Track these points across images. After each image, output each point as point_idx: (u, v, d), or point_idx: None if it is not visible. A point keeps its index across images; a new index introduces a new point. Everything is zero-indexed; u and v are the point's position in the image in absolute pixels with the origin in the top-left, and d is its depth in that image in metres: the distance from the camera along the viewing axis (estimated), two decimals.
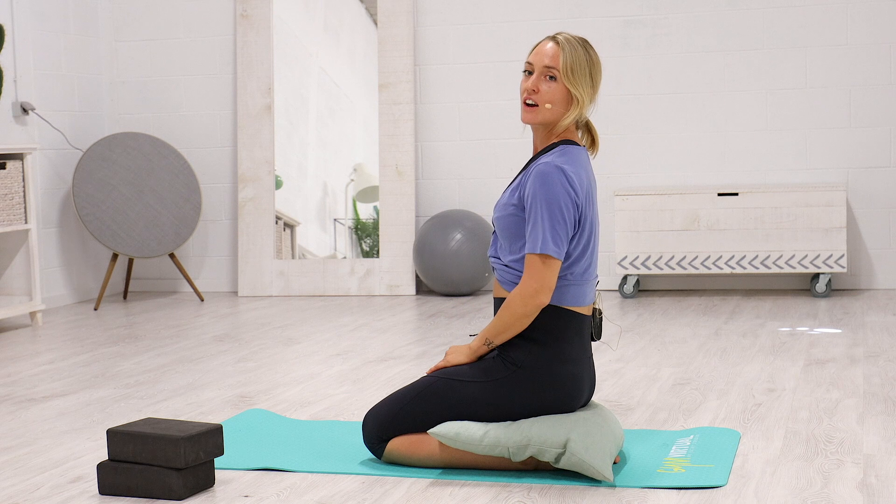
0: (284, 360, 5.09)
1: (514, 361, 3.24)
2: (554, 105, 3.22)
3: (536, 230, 3.16)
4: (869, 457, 3.30)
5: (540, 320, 3.24)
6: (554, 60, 3.22)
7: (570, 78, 3.21)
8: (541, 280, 3.16)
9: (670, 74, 6.88)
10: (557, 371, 3.23)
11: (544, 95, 3.22)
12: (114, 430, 3.17)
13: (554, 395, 3.24)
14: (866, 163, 6.68)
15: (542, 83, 3.23)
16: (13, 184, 6.16)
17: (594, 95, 3.27)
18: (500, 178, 7.12)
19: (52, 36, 7.03)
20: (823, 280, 6.46)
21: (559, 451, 3.16)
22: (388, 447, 3.33)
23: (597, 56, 3.27)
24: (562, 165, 3.19)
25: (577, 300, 3.27)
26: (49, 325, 6.31)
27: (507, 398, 3.24)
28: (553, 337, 3.24)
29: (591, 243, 3.28)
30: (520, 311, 3.19)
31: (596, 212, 3.31)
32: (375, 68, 7.17)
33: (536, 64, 3.24)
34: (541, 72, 3.22)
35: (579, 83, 3.22)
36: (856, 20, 6.64)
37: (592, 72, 3.24)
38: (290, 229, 7.28)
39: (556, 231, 3.16)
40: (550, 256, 3.16)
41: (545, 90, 3.22)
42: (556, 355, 3.24)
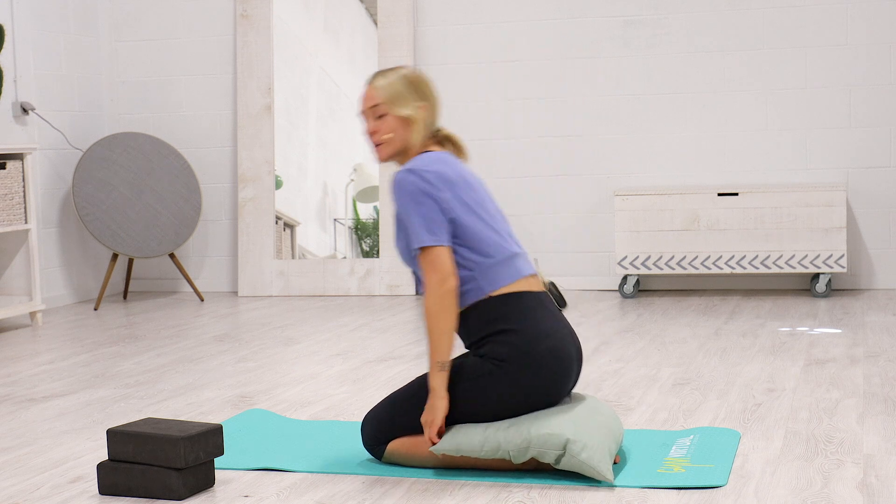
0: (284, 360, 5.09)
1: (496, 357, 3.23)
2: (395, 132, 3.34)
3: (413, 229, 3.23)
4: (869, 457, 3.30)
5: (494, 313, 3.24)
6: (373, 99, 3.34)
7: (392, 104, 3.33)
8: (436, 269, 3.20)
9: (670, 74, 6.88)
10: (539, 350, 3.22)
11: (383, 131, 3.34)
12: (114, 430, 3.17)
13: (544, 374, 3.23)
14: (866, 163, 6.68)
15: (376, 123, 3.35)
16: (13, 184, 6.16)
17: (430, 107, 3.37)
18: (500, 179, 7.12)
19: (52, 36, 7.03)
20: (823, 280, 6.46)
21: (559, 452, 3.16)
22: (388, 449, 3.33)
23: (416, 73, 3.38)
24: (407, 167, 3.27)
25: (510, 277, 3.28)
26: (49, 325, 6.31)
27: (501, 392, 3.24)
28: (517, 321, 3.24)
29: (484, 219, 3.31)
30: (438, 309, 3.19)
31: (480, 191, 3.35)
32: (375, 68, 7.17)
33: (365, 110, 3.36)
34: (369, 114, 3.35)
35: (404, 105, 3.33)
36: (856, 20, 6.64)
37: (415, 88, 3.35)
38: (290, 229, 7.28)
39: (425, 222, 3.22)
40: (430, 246, 3.21)
41: (382, 127, 3.34)
42: (532, 336, 3.23)
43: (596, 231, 7.03)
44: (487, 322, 3.26)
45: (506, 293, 3.26)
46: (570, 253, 7.08)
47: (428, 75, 3.42)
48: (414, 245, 3.23)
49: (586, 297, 6.77)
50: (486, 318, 3.26)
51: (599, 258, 7.04)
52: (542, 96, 7.04)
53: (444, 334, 3.20)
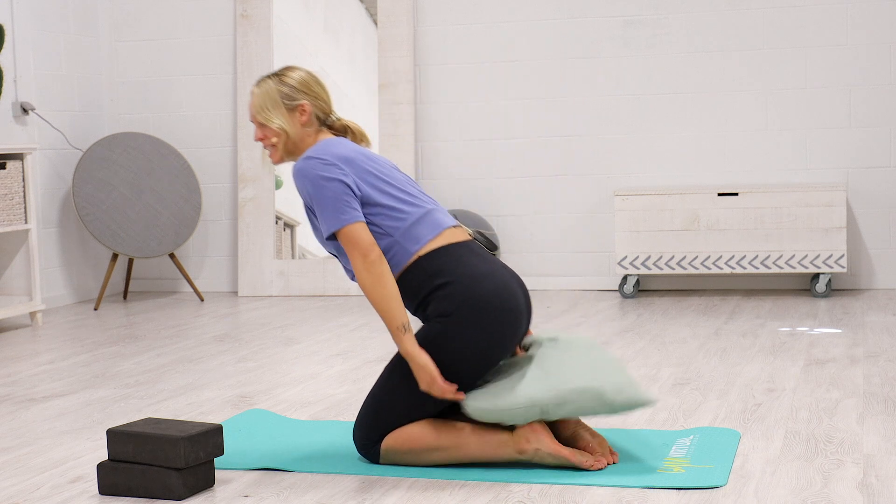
0: (284, 360, 5.09)
1: (442, 314, 3.24)
2: (278, 137, 3.44)
3: (322, 214, 3.26)
4: (869, 457, 3.30)
5: (427, 271, 3.27)
6: (251, 109, 3.47)
7: (265, 116, 3.43)
8: (356, 245, 3.23)
9: (670, 74, 6.88)
10: (481, 294, 3.23)
11: (268, 138, 3.44)
12: (114, 430, 3.17)
13: (494, 317, 3.23)
14: (866, 163, 6.68)
15: (260, 130, 3.45)
16: (13, 184, 6.16)
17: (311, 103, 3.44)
18: (500, 178, 7.12)
19: (52, 36, 7.03)
20: (823, 280, 6.46)
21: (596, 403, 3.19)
22: (383, 448, 3.31)
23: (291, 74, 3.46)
24: (304, 156, 3.33)
25: (431, 231, 3.32)
26: (49, 325, 6.31)
27: (460, 348, 3.23)
28: (451, 272, 3.27)
29: (391, 184, 3.35)
30: (373, 280, 3.21)
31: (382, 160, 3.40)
32: (375, 68, 7.17)
33: (251, 118, 3.49)
34: (255, 124, 3.47)
35: (275, 115, 3.42)
36: (856, 20, 6.64)
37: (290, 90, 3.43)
38: (290, 229, 7.28)
39: (333, 204, 3.25)
40: (347, 224, 3.23)
41: (267, 134, 3.44)
42: (470, 282, 3.25)
43: (596, 231, 7.03)
44: (423, 281, 3.28)
45: (432, 249, 3.29)
46: (570, 253, 7.08)
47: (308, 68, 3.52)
48: (328, 231, 3.26)
49: (586, 297, 6.77)
50: (420, 278, 3.28)
51: (599, 258, 7.04)
52: (542, 96, 7.04)
53: (389, 299, 3.21)
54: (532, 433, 3.25)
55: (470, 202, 7.16)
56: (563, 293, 6.93)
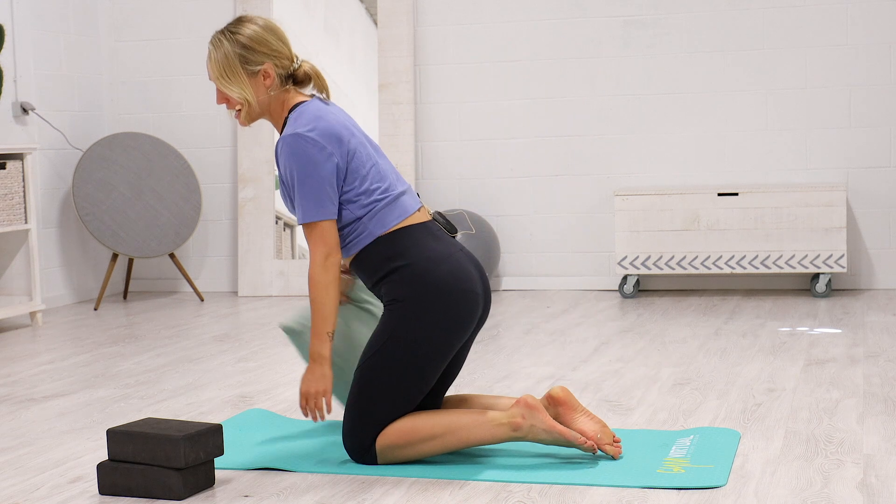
0: (284, 360, 5.09)
1: (396, 299, 3.26)
2: (241, 105, 3.34)
3: (300, 201, 3.24)
4: (869, 457, 3.30)
5: (384, 253, 3.28)
6: (210, 74, 3.34)
7: (225, 83, 3.32)
8: (324, 242, 3.23)
9: (670, 74, 6.88)
10: (436, 277, 3.25)
11: (232, 104, 3.35)
12: (114, 430, 3.17)
13: (450, 301, 3.24)
14: (866, 163, 6.68)
15: (221, 95, 3.36)
16: (13, 184, 6.16)
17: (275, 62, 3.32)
18: (500, 178, 7.12)
19: (52, 36, 7.03)
20: (823, 280, 6.46)
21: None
22: (379, 448, 3.30)
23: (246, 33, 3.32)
24: (296, 131, 3.24)
25: (401, 215, 3.32)
26: (49, 325, 6.31)
27: (416, 334, 3.23)
28: (407, 255, 3.27)
29: (374, 165, 3.33)
30: (326, 281, 3.22)
31: (359, 133, 3.36)
32: (375, 68, 7.18)
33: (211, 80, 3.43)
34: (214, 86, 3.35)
35: (235, 82, 3.31)
36: (856, 20, 6.64)
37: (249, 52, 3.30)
38: (290, 229, 7.28)
39: (313, 194, 3.23)
40: (322, 220, 3.23)
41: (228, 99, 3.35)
42: (425, 265, 3.26)
43: (596, 231, 7.03)
44: (379, 263, 3.29)
45: (392, 231, 3.29)
46: (570, 253, 7.08)
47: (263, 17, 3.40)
48: (302, 219, 3.24)
49: (586, 297, 6.77)
50: (377, 259, 3.29)
51: (599, 258, 7.04)
52: (542, 96, 7.04)
53: (331, 304, 3.24)
54: (527, 409, 3.25)
55: (470, 202, 7.16)
56: (563, 293, 6.93)
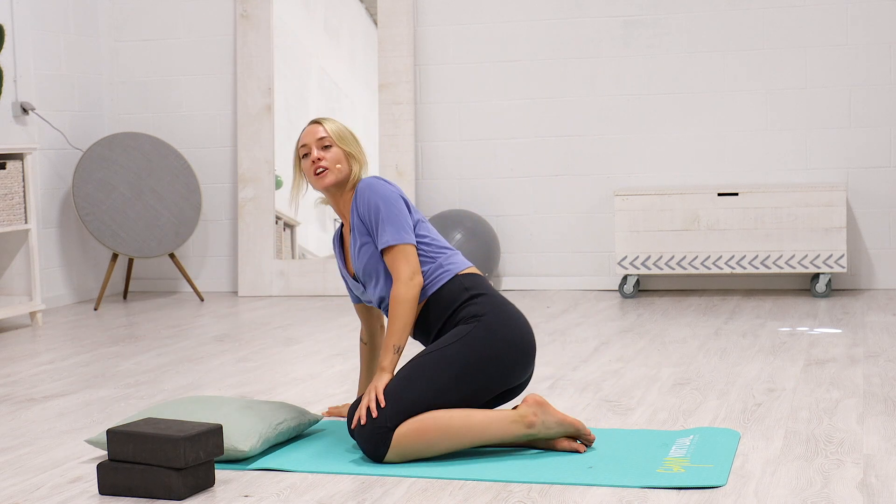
0: (284, 360, 5.09)
1: (473, 315, 3.48)
2: (341, 164, 3.60)
3: (385, 227, 3.51)
4: (869, 457, 3.30)
5: (464, 285, 3.54)
6: (320, 133, 3.61)
7: (340, 141, 3.61)
8: (410, 264, 3.49)
9: (670, 74, 6.88)
10: (510, 310, 3.53)
11: (330, 160, 3.58)
12: (114, 430, 3.17)
13: (517, 328, 3.49)
14: (866, 163, 6.68)
15: (322, 152, 3.59)
16: (13, 184, 6.16)
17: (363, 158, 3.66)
18: (500, 178, 7.12)
19: (52, 36, 7.03)
20: (823, 280, 6.46)
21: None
22: (397, 434, 3.32)
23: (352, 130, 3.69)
24: (369, 178, 3.57)
25: (465, 264, 3.61)
26: (49, 325, 6.31)
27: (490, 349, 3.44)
28: (485, 289, 3.55)
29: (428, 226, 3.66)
30: (409, 297, 3.46)
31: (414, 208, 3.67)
32: (375, 68, 7.17)
33: (311, 142, 3.60)
34: (317, 145, 3.60)
35: (349, 144, 3.62)
36: (856, 20, 6.64)
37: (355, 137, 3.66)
38: (290, 229, 7.28)
39: (400, 222, 3.51)
40: (406, 243, 3.50)
41: (328, 156, 3.59)
42: (501, 300, 3.55)
43: (596, 231, 7.03)
44: (459, 293, 3.53)
45: (469, 272, 3.59)
46: (570, 253, 7.08)
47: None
48: (389, 242, 3.48)
49: (586, 297, 6.77)
50: (457, 290, 3.53)
51: (599, 258, 7.04)
52: (542, 96, 7.05)
53: (408, 322, 3.46)
54: (537, 406, 3.40)
55: (470, 202, 7.16)
56: (563, 293, 6.92)
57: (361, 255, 3.55)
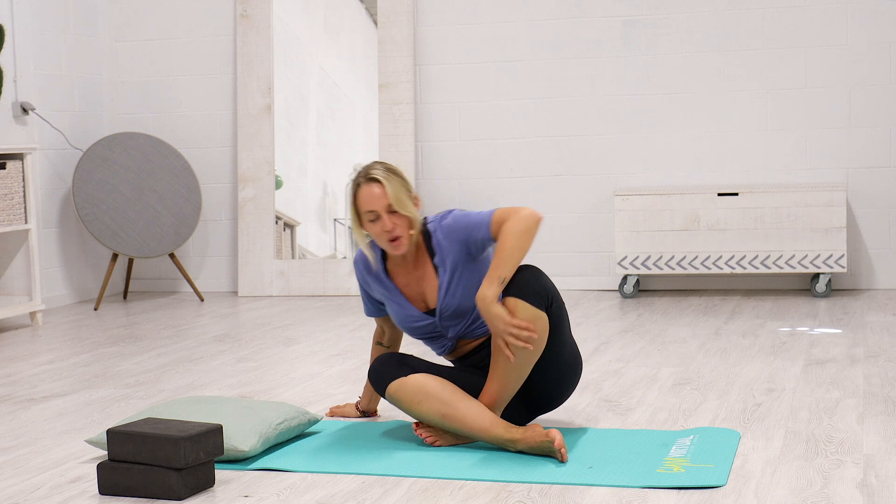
0: (284, 360, 5.09)
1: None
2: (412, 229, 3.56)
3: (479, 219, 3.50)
4: (869, 457, 3.30)
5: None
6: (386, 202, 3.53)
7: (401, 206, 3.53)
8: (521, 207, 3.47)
9: (670, 74, 6.88)
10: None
11: (401, 226, 3.54)
12: (114, 430, 3.17)
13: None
14: (866, 163, 6.68)
15: (393, 221, 3.54)
16: (13, 184, 6.16)
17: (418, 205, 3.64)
18: (500, 179, 7.12)
19: (52, 36, 7.03)
20: (823, 280, 6.46)
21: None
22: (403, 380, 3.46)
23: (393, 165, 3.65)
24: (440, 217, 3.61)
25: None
26: (49, 325, 6.31)
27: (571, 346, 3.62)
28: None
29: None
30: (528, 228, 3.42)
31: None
32: (375, 68, 7.17)
33: (379, 209, 3.52)
34: (386, 210, 3.53)
35: (408, 204, 3.56)
36: (856, 20, 6.64)
37: (406, 184, 3.60)
38: (290, 229, 7.28)
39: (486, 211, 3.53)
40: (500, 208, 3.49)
41: (398, 223, 3.54)
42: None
43: (596, 231, 7.03)
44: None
45: None
46: (570, 253, 7.08)
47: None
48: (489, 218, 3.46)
49: (586, 297, 6.77)
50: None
51: (599, 258, 7.04)
52: (542, 96, 7.05)
53: (522, 254, 3.41)
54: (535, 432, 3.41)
55: (470, 202, 7.17)
56: (563, 293, 6.92)
57: (456, 287, 3.55)
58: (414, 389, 3.45)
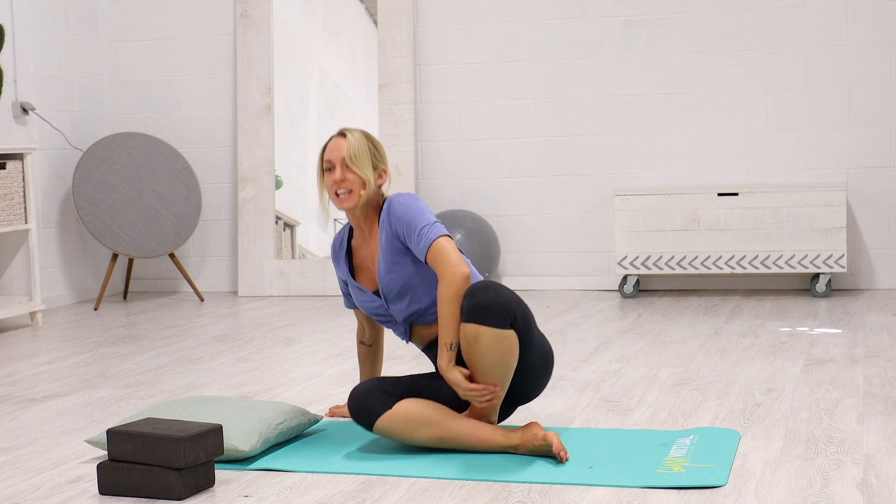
0: (284, 360, 5.09)
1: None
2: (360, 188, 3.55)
3: (423, 229, 3.46)
4: (869, 457, 3.30)
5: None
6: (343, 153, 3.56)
7: (356, 162, 3.55)
8: (456, 256, 3.43)
9: (670, 74, 6.88)
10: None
11: (353, 182, 3.55)
12: (114, 430, 3.17)
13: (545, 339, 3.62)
14: (866, 163, 6.68)
15: (344, 174, 3.55)
16: (13, 184, 6.16)
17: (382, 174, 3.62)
18: (500, 179, 7.12)
19: (52, 36, 7.03)
20: (823, 280, 6.46)
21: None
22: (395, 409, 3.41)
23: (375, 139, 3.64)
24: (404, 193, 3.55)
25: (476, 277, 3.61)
26: (49, 325, 6.31)
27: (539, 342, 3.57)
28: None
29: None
30: (457, 292, 3.38)
31: None
32: (375, 68, 7.18)
33: (335, 159, 3.56)
34: (341, 163, 3.55)
35: (363, 164, 3.56)
36: (856, 20, 6.64)
37: (373, 151, 3.60)
38: (290, 229, 7.28)
39: (434, 221, 3.49)
40: (446, 235, 3.47)
41: (350, 178, 3.55)
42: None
43: (596, 231, 7.03)
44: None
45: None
46: (570, 253, 7.08)
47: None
48: (434, 235, 3.44)
49: (586, 297, 6.77)
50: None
51: (599, 258, 7.04)
52: (542, 96, 7.05)
53: (458, 315, 3.39)
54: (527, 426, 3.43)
55: (470, 202, 7.17)
56: (563, 293, 6.92)
57: (394, 273, 3.52)
58: (403, 421, 3.40)
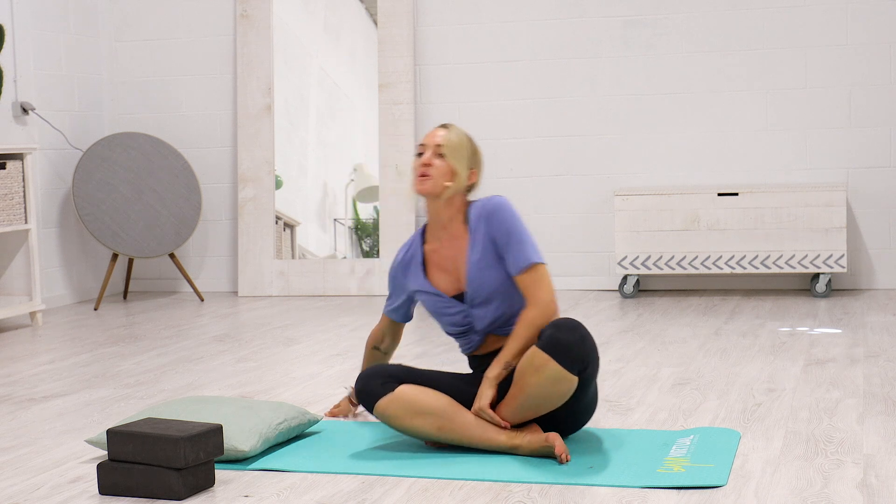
0: (284, 360, 5.09)
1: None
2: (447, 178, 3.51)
3: (525, 245, 3.43)
4: (869, 457, 3.30)
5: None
6: (441, 140, 3.53)
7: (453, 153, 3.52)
8: (551, 288, 3.45)
9: (670, 74, 6.88)
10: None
11: (437, 169, 3.51)
12: (114, 430, 3.17)
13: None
14: (866, 163, 6.68)
15: (435, 159, 3.52)
16: (13, 184, 6.16)
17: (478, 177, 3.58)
18: (500, 179, 7.12)
19: (52, 36, 7.03)
20: (823, 280, 6.46)
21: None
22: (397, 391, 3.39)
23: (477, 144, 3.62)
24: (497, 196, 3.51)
25: None
26: (49, 325, 6.31)
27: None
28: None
29: None
30: (543, 323, 3.39)
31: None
32: (375, 68, 7.17)
33: (429, 143, 3.54)
34: (434, 150, 3.52)
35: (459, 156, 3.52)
36: (856, 20, 6.64)
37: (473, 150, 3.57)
38: (290, 229, 7.28)
39: (533, 242, 3.47)
40: (542, 263, 3.44)
41: (437, 164, 3.51)
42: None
43: (596, 231, 7.03)
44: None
45: None
46: (570, 253, 7.08)
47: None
48: (534, 258, 3.42)
49: (586, 297, 6.77)
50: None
51: (599, 258, 7.04)
52: (542, 96, 7.05)
53: (530, 344, 3.38)
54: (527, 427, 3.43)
55: None
56: (563, 293, 6.93)
57: (485, 275, 3.46)
58: (405, 404, 3.38)
